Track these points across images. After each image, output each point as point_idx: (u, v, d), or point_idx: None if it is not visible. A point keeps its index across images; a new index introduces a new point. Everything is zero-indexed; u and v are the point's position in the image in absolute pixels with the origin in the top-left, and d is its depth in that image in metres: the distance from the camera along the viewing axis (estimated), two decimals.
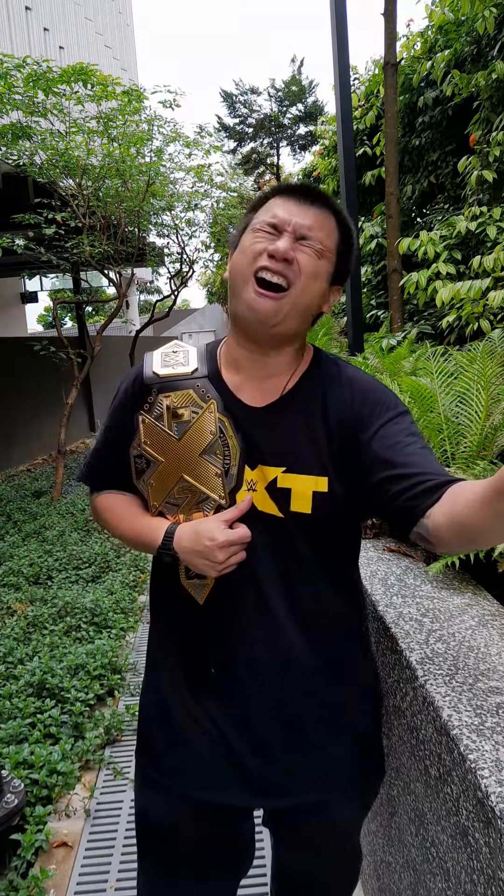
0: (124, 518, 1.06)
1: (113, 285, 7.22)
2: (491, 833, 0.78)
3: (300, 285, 0.94)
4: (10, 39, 7.02)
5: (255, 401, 1.00)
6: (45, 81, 5.34)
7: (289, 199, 0.97)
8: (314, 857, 1.15)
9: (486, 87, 4.63)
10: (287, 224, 0.94)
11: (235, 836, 1.11)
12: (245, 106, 16.67)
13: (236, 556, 0.95)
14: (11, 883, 1.78)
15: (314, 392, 0.99)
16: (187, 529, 0.97)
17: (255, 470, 0.98)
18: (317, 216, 0.96)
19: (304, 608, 0.99)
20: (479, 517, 0.72)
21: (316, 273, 0.95)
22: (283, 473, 0.96)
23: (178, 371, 1.01)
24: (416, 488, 0.84)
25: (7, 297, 14.68)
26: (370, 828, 1.52)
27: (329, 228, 0.97)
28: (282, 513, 0.96)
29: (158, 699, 1.08)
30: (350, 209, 4.47)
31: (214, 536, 0.93)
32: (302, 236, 0.94)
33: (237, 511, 0.96)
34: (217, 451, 0.97)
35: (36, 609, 3.48)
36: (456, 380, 1.90)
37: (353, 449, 0.94)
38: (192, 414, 0.98)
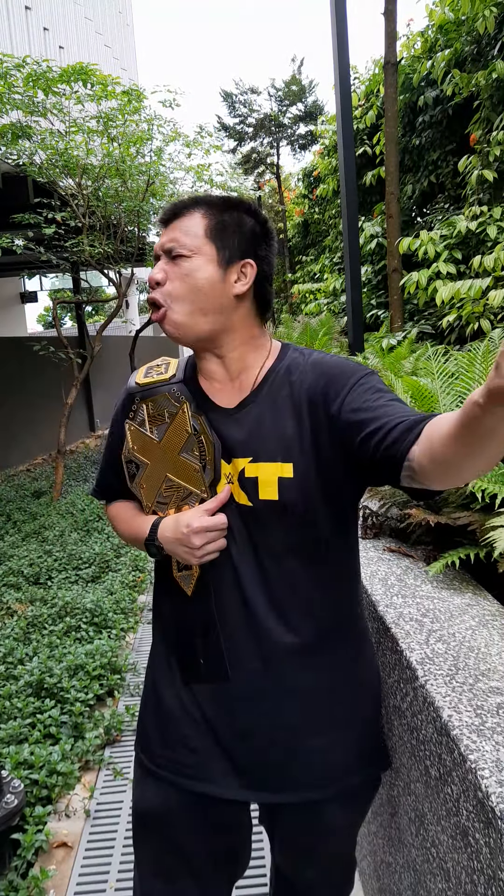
0: (125, 521, 1.14)
1: (113, 285, 7.22)
2: (491, 833, 0.78)
3: (174, 294, 0.99)
4: (9, 39, 7.01)
5: (228, 402, 1.05)
6: (44, 81, 5.34)
7: (161, 230, 1.04)
8: (307, 858, 1.15)
9: (487, 86, 4.63)
10: (157, 250, 1.02)
11: (230, 832, 1.11)
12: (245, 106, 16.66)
13: (215, 543, 0.99)
14: (11, 883, 1.78)
15: (281, 382, 1.03)
16: (169, 521, 1.03)
17: (230, 464, 1.02)
18: (175, 226, 1.00)
19: (281, 599, 1.00)
20: (455, 452, 0.73)
21: (188, 273, 0.98)
22: (249, 463, 1.00)
23: (157, 378, 1.08)
24: (391, 434, 0.85)
25: (7, 297, 14.67)
26: (370, 828, 1.52)
27: (188, 226, 1.00)
28: (251, 501, 1.00)
29: (153, 689, 1.11)
30: (350, 209, 4.47)
31: (190, 523, 0.98)
32: (169, 250, 1.00)
33: (217, 501, 1.00)
34: (194, 448, 1.02)
35: (36, 609, 3.48)
36: (456, 380, 1.90)
37: (326, 425, 0.96)
38: (169, 416, 1.05)
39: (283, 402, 1.01)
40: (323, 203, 10.01)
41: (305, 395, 0.99)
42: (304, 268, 11.47)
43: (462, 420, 0.69)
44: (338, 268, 8.71)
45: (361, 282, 5.31)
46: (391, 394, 0.95)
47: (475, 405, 0.65)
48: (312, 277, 10.51)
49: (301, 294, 10.22)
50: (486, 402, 0.62)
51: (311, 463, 0.97)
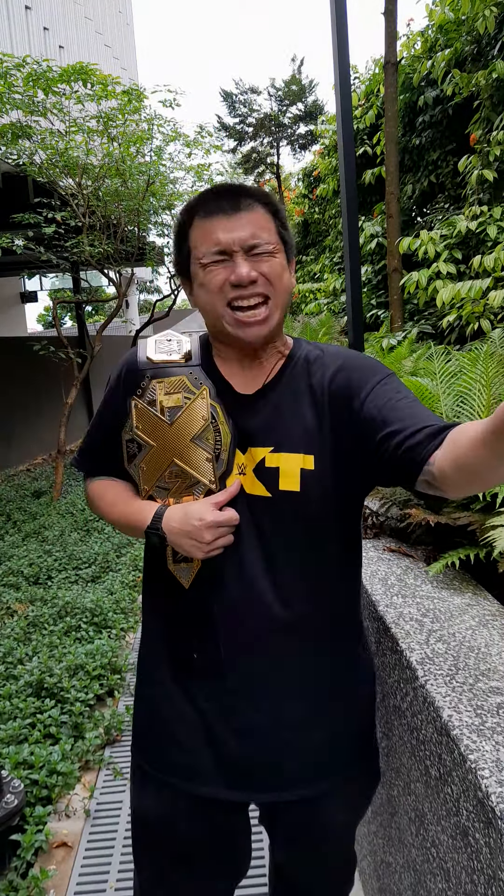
0: (115, 503, 1.08)
1: (113, 285, 7.22)
2: (491, 833, 0.78)
3: (275, 293, 0.96)
4: (9, 39, 7.01)
5: (246, 388, 1.03)
6: (44, 81, 5.34)
7: (214, 214, 0.96)
8: (307, 857, 1.14)
9: (487, 86, 4.63)
10: (233, 245, 0.94)
11: (230, 835, 1.10)
12: (245, 105, 16.66)
13: (224, 538, 0.97)
14: (11, 883, 1.78)
15: (299, 373, 1.02)
16: (176, 510, 0.99)
17: (245, 454, 1.00)
18: (251, 219, 0.95)
19: (289, 592, 0.98)
20: (482, 457, 0.73)
21: (281, 272, 0.97)
22: (270, 453, 0.98)
23: (173, 358, 1.03)
24: (415, 437, 0.85)
25: (7, 297, 14.67)
26: (370, 828, 1.52)
27: (266, 223, 0.97)
28: (270, 492, 0.98)
29: (146, 689, 1.09)
30: (350, 208, 4.47)
31: (203, 516, 0.95)
32: (251, 247, 0.95)
33: (227, 494, 0.98)
34: (208, 436, 0.99)
35: (36, 609, 3.48)
36: (457, 380, 1.90)
37: (347, 419, 0.95)
38: (184, 399, 1.00)
39: (303, 393, 1.00)
40: (323, 203, 10.00)
41: (328, 387, 0.98)
42: (304, 268, 11.47)
43: (493, 426, 0.68)
44: (338, 268, 8.71)
45: (361, 282, 5.30)
46: (413, 396, 0.95)
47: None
48: (312, 277, 10.51)
49: (301, 294, 10.22)
50: None
51: (330, 456, 0.97)
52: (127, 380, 1.04)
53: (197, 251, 0.97)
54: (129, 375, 1.04)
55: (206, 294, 0.97)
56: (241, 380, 1.03)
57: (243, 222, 0.95)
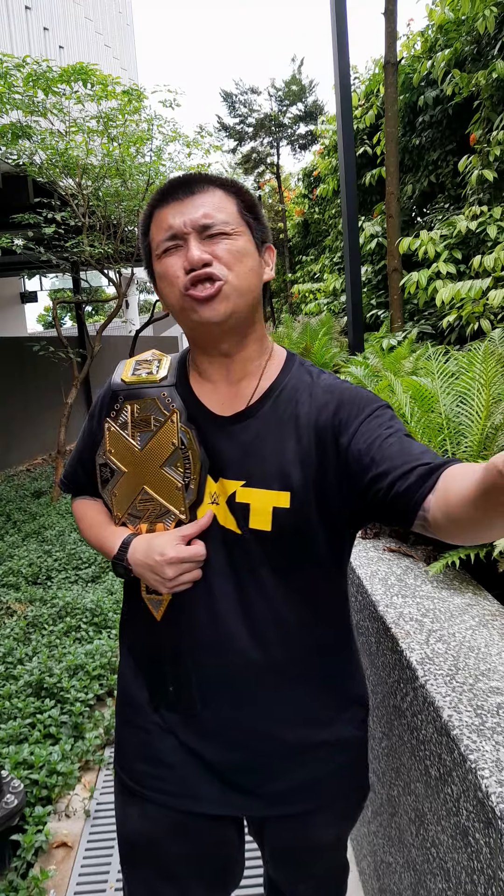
0: (92, 526, 1.05)
1: (113, 285, 7.22)
2: (491, 833, 0.78)
3: (233, 276, 0.88)
4: (9, 39, 7.01)
5: (223, 409, 0.95)
6: (44, 81, 5.33)
7: (169, 204, 0.91)
8: (295, 872, 1.11)
9: (487, 86, 4.63)
10: (184, 227, 0.88)
11: (220, 849, 1.05)
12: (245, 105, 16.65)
13: (189, 574, 0.92)
14: (11, 883, 1.78)
15: (284, 400, 0.94)
16: (141, 542, 0.94)
17: (217, 482, 0.93)
18: (205, 200, 0.89)
19: (261, 630, 0.92)
20: (475, 518, 0.68)
21: (241, 254, 0.89)
22: (241, 488, 0.91)
23: (146, 378, 0.98)
24: (407, 478, 0.79)
25: (6, 297, 14.67)
26: (370, 828, 1.52)
27: (224, 203, 0.90)
28: (240, 529, 0.91)
29: (126, 704, 1.05)
30: (350, 209, 4.47)
31: (165, 552, 0.90)
32: (204, 227, 0.88)
33: (197, 527, 0.92)
34: (178, 463, 0.93)
35: (36, 609, 3.48)
36: (457, 380, 1.90)
37: (334, 457, 0.89)
38: (154, 423, 0.95)
39: (287, 423, 0.92)
40: (323, 203, 10.00)
41: (315, 421, 0.91)
42: (304, 268, 11.47)
43: (482, 486, 0.62)
44: (338, 268, 8.71)
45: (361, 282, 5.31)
46: (405, 429, 0.88)
47: (498, 474, 0.57)
48: (312, 277, 10.51)
49: (301, 294, 10.22)
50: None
51: (312, 493, 0.89)
52: (104, 401, 1.01)
53: (154, 242, 0.92)
54: (107, 398, 1.01)
55: (165, 286, 0.91)
56: (218, 399, 0.96)
57: (196, 204, 0.89)
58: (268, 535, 0.90)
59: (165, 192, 0.92)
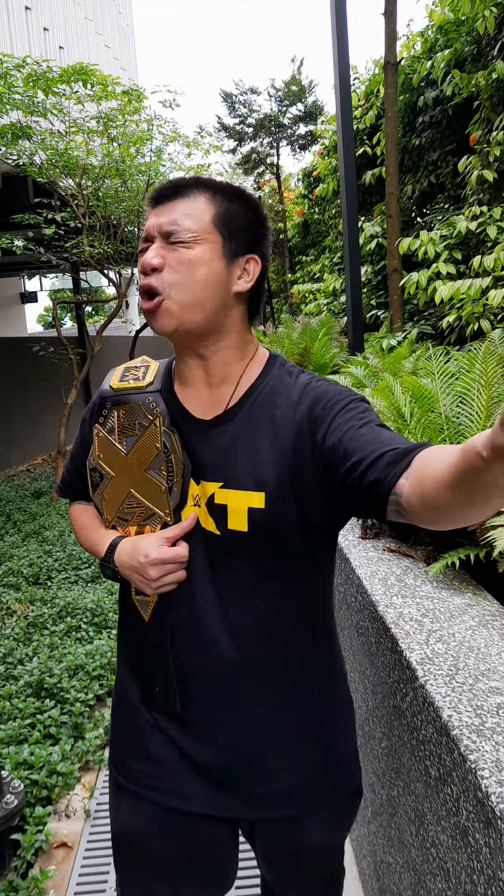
0: (83, 529, 1.08)
1: (113, 285, 7.22)
2: (491, 833, 0.78)
3: (174, 283, 0.90)
4: (9, 39, 7.01)
5: (204, 412, 0.97)
6: (44, 81, 5.34)
7: (153, 207, 0.94)
8: (287, 874, 1.10)
9: (487, 86, 4.63)
10: (152, 231, 0.92)
11: (213, 849, 1.05)
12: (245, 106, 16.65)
13: (173, 574, 0.94)
14: (11, 883, 1.78)
15: (261, 403, 0.95)
16: (127, 544, 0.97)
17: (199, 485, 0.96)
18: (177, 206, 0.91)
19: (243, 631, 0.94)
20: (451, 501, 0.67)
21: (191, 262, 0.89)
22: (219, 489, 0.93)
23: (132, 384, 1.01)
24: (377, 465, 0.78)
25: (6, 297, 14.68)
26: (370, 828, 1.52)
27: (193, 210, 0.91)
28: (219, 530, 0.93)
29: (120, 704, 1.08)
30: (350, 209, 4.47)
31: (148, 553, 0.92)
32: (167, 234, 0.90)
33: (180, 529, 0.95)
34: (161, 466, 0.96)
35: (36, 609, 3.48)
36: (457, 380, 1.90)
37: (310, 454, 0.89)
38: (140, 428, 0.98)
39: (264, 425, 0.93)
40: (323, 203, 10.01)
41: (291, 421, 0.92)
42: (304, 268, 11.47)
43: (460, 469, 0.62)
44: (338, 268, 8.71)
45: (361, 282, 5.31)
46: (378, 420, 0.89)
47: (477, 456, 0.57)
48: (312, 277, 10.51)
49: (301, 294, 10.22)
50: (490, 458, 0.56)
51: (288, 493, 0.90)
52: (94, 408, 1.04)
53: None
54: (97, 404, 1.04)
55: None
56: (198, 403, 0.98)
57: (170, 209, 0.91)
58: (244, 535, 0.92)
59: (153, 196, 0.95)
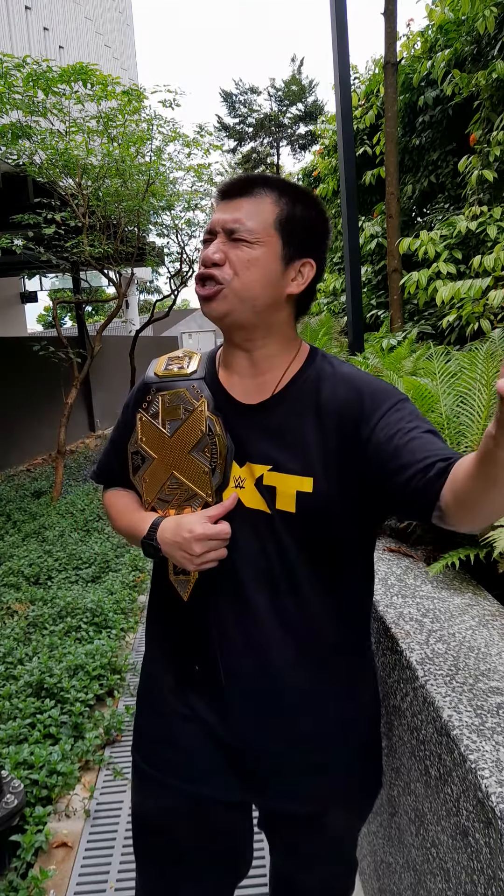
0: (122, 513, 1.10)
1: (113, 285, 7.22)
2: (491, 833, 0.78)
3: (234, 280, 0.93)
4: (9, 39, 7.01)
5: (249, 398, 1.01)
6: (44, 81, 5.33)
7: (220, 201, 0.98)
8: (307, 864, 1.14)
9: (487, 86, 4.63)
10: (216, 226, 0.96)
11: (230, 836, 1.09)
12: (245, 105, 16.66)
13: (215, 552, 0.96)
14: (11, 883, 1.78)
15: (306, 390, 0.99)
16: (170, 522, 0.99)
17: (243, 467, 0.99)
18: (242, 205, 0.94)
19: (286, 610, 0.97)
20: (476, 490, 0.72)
21: (250, 262, 0.93)
22: (268, 472, 0.97)
23: (177, 371, 1.05)
24: (426, 474, 0.82)
25: (6, 297, 14.67)
26: (370, 828, 1.52)
27: (259, 211, 0.94)
28: (269, 509, 0.97)
29: (148, 691, 1.10)
30: (350, 209, 4.47)
31: (193, 529, 0.94)
32: (230, 231, 0.94)
33: (222, 508, 0.97)
34: (205, 448, 0.98)
35: (36, 609, 3.48)
36: (457, 380, 1.90)
37: (354, 446, 0.92)
38: (184, 412, 1.00)
39: (309, 412, 0.97)
40: (323, 203, 10.01)
41: (336, 409, 0.95)
42: None
43: (480, 456, 0.68)
44: (338, 268, 8.71)
45: (361, 282, 5.31)
46: (427, 423, 0.91)
47: (490, 438, 0.64)
48: None
49: None
50: (500, 436, 0.61)
51: (334, 481, 0.94)
52: (137, 394, 1.08)
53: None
54: (140, 391, 1.07)
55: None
56: (243, 390, 1.02)
57: (235, 207, 0.95)
58: (293, 516, 0.95)
59: (222, 189, 0.99)
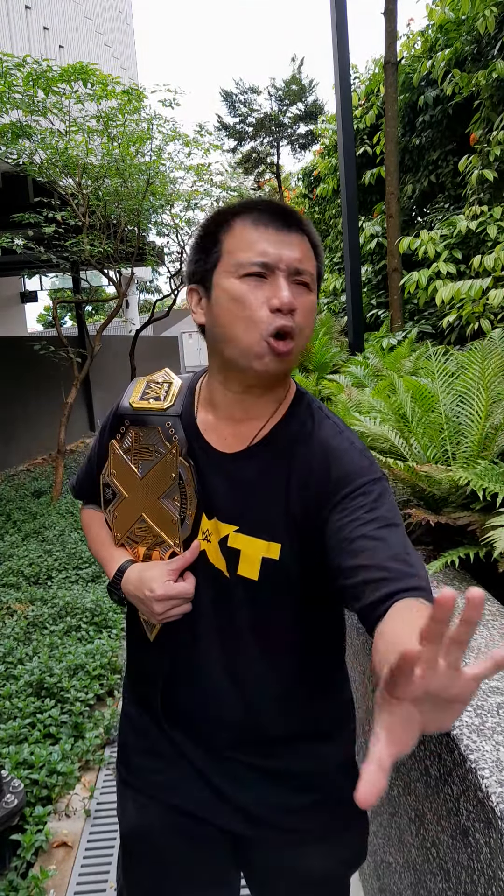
0: (94, 542, 1.08)
1: (113, 284, 7.22)
2: (491, 833, 0.78)
3: (303, 328, 0.85)
4: (9, 38, 7.01)
5: (225, 446, 0.92)
6: (44, 80, 5.34)
7: (264, 225, 0.84)
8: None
9: (487, 86, 4.63)
10: (279, 262, 0.82)
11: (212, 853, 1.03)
12: (245, 105, 16.66)
13: (178, 608, 0.91)
14: (11, 883, 1.78)
15: (283, 448, 0.90)
16: (134, 573, 0.95)
17: (210, 520, 0.92)
18: (300, 244, 0.85)
19: (238, 671, 0.93)
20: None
21: (313, 311, 0.88)
22: (234, 533, 0.90)
23: (153, 405, 0.97)
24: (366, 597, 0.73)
25: (7, 297, 14.67)
26: (370, 828, 1.52)
27: (310, 255, 0.87)
28: (228, 572, 0.91)
29: (130, 707, 1.09)
30: (350, 208, 4.47)
31: (153, 588, 0.90)
32: (296, 272, 0.84)
33: (183, 561, 0.92)
34: (175, 497, 0.93)
35: (36, 609, 3.48)
36: (457, 379, 1.90)
37: (315, 520, 0.85)
38: (156, 454, 0.94)
39: (281, 471, 0.89)
40: (323, 203, 10.00)
41: (303, 478, 0.88)
42: None
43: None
44: (338, 267, 8.71)
45: (361, 282, 5.31)
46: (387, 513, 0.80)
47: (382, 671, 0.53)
48: None
49: None
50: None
51: (300, 547, 0.87)
52: (113, 420, 1.00)
53: (233, 257, 0.84)
54: (115, 415, 1.00)
55: (237, 309, 0.83)
56: (219, 435, 0.93)
57: (292, 243, 0.84)
58: (253, 584, 0.89)
59: (261, 212, 0.85)
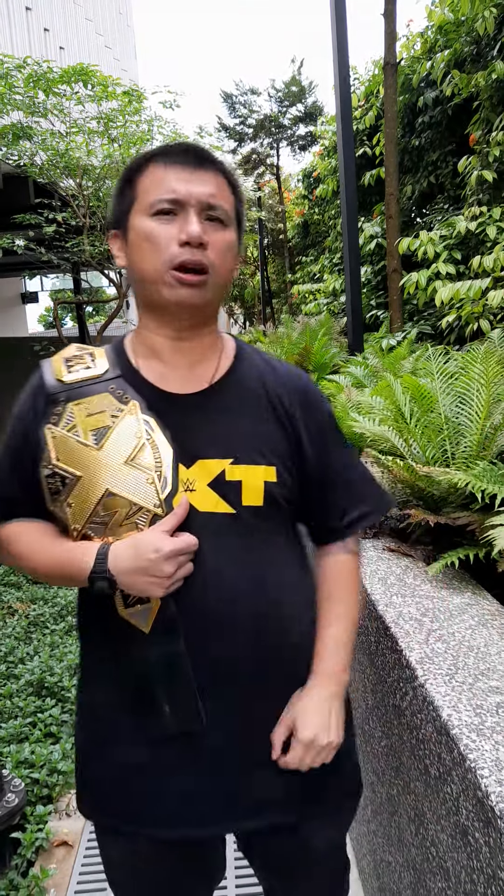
0: (38, 550, 0.91)
1: (113, 285, 7.22)
2: (491, 832, 0.79)
3: (217, 264, 0.86)
4: (10, 40, 7.02)
5: (188, 387, 0.91)
6: (45, 82, 5.34)
7: (175, 164, 0.85)
8: (291, 881, 1.06)
9: (486, 87, 4.63)
10: (189, 198, 0.84)
11: (204, 860, 1.03)
12: (245, 106, 16.67)
13: (184, 567, 0.85)
14: (12, 882, 1.78)
15: (252, 377, 0.95)
16: (123, 547, 0.84)
17: (191, 467, 0.88)
18: (213, 180, 0.86)
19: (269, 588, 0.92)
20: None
21: (228, 247, 0.88)
22: (230, 465, 0.88)
23: (87, 375, 0.91)
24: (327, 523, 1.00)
25: (7, 298, 14.67)
26: (370, 827, 1.52)
27: (225, 191, 0.88)
28: (233, 508, 0.88)
29: (94, 736, 0.96)
30: (350, 209, 4.48)
31: (160, 547, 0.81)
32: (208, 206, 0.85)
33: (175, 518, 0.85)
34: (146, 455, 0.86)
35: (37, 608, 3.49)
36: (456, 380, 1.91)
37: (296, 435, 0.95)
38: (111, 419, 0.88)
39: (259, 400, 0.93)
40: (323, 204, 10.01)
41: (282, 396, 0.95)
42: (304, 268, 11.48)
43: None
44: (337, 268, 8.72)
45: (361, 282, 5.31)
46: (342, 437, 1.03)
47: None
48: (312, 278, 10.52)
49: (301, 294, 10.23)
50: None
51: (290, 464, 0.93)
52: (36, 408, 0.91)
53: (145, 197, 0.86)
54: (38, 403, 0.91)
55: (146, 248, 0.85)
56: (176, 380, 0.91)
57: (204, 179, 0.85)
58: (260, 510, 0.90)
59: (172, 152, 0.87)
